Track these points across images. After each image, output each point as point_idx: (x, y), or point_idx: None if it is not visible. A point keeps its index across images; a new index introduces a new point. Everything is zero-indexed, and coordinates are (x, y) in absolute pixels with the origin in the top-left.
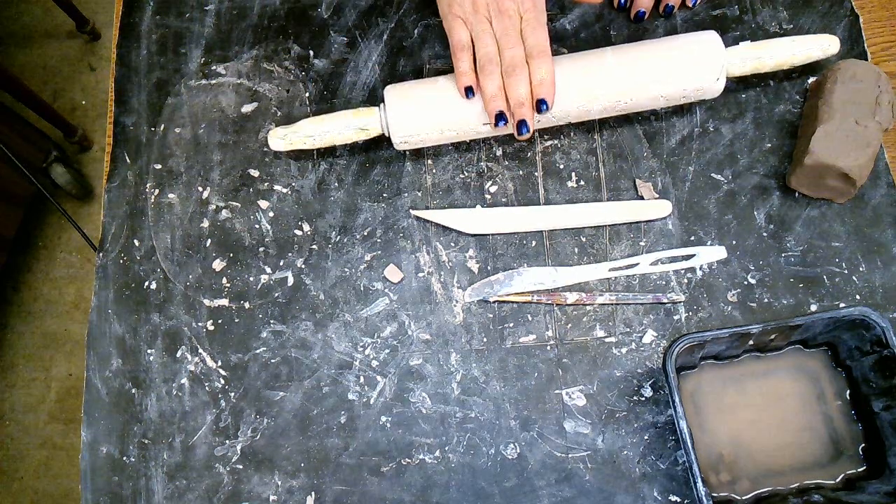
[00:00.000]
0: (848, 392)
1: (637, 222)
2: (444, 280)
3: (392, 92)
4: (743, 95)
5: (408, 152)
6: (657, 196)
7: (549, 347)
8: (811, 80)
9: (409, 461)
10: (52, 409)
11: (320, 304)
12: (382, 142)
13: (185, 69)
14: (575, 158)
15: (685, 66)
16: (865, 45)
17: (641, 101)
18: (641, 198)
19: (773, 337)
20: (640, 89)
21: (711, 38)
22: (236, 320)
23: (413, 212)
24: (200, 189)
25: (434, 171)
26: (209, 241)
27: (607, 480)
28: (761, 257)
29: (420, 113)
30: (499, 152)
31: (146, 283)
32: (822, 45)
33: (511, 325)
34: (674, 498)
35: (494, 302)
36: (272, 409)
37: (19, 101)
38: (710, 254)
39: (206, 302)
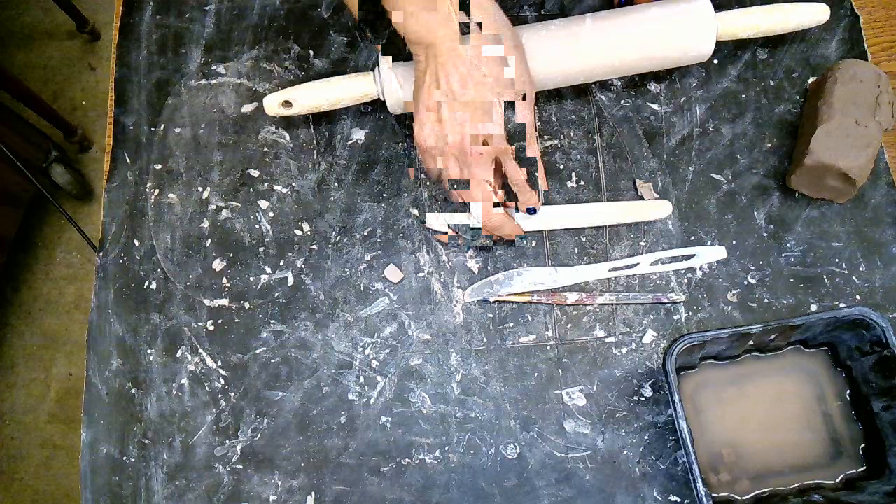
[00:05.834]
0: (848, 392)
1: (638, 223)
2: (444, 280)
3: (387, 57)
4: (743, 95)
5: (408, 152)
6: (657, 196)
7: (549, 347)
8: (811, 80)
9: (409, 461)
10: (52, 409)
11: (320, 304)
12: (382, 142)
13: (185, 69)
14: (575, 158)
15: (676, 22)
16: (865, 45)
17: (634, 61)
18: (641, 198)
19: (773, 337)
20: (631, 49)
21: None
22: (236, 320)
23: (427, 222)
24: (200, 189)
25: None
26: (209, 241)
27: (607, 480)
28: (761, 257)
29: (414, 74)
30: None
31: (146, 283)
32: (814, 13)
33: (511, 325)
34: (674, 498)
35: (494, 302)
36: (272, 409)
37: (19, 101)
38: (710, 254)
39: (206, 302)
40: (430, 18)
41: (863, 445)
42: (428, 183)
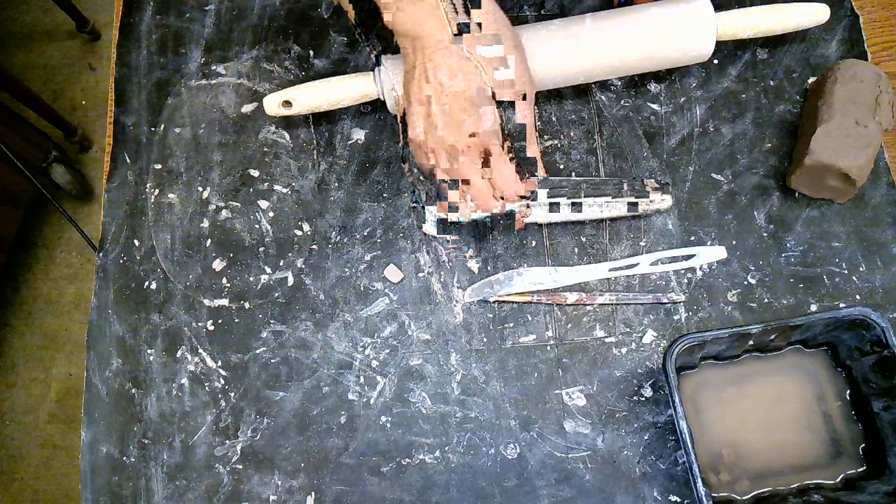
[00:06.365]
0: (848, 392)
1: (638, 222)
2: (444, 280)
3: (387, 55)
4: (743, 95)
5: None
6: (657, 186)
7: (549, 347)
8: (811, 80)
9: (409, 461)
10: (52, 409)
11: (320, 304)
12: (382, 142)
13: (185, 69)
14: (575, 158)
15: (676, 22)
16: (865, 45)
17: (633, 61)
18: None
19: (773, 337)
20: (631, 49)
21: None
22: (236, 320)
23: (424, 228)
24: (200, 189)
25: None
26: (209, 241)
27: (607, 480)
28: (761, 257)
29: None
30: None
31: (146, 283)
32: (814, 13)
33: (511, 325)
34: (674, 498)
35: (494, 302)
36: (272, 409)
37: (19, 101)
38: (710, 254)
39: (206, 302)
40: (417, 10)
41: (863, 445)
42: (422, 178)
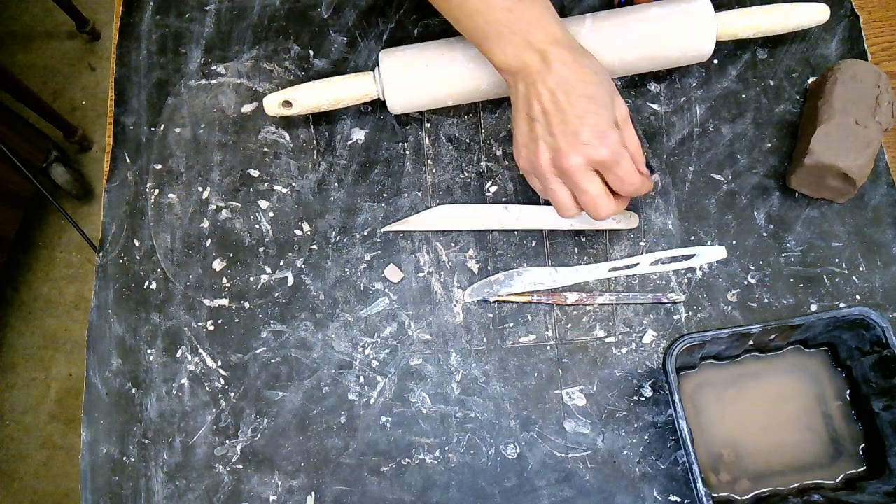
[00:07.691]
0: (848, 392)
1: (602, 230)
2: (444, 280)
3: (386, 55)
4: (743, 95)
5: (408, 152)
6: (653, 191)
7: (549, 347)
8: (811, 80)
9: (409, 461)
10: (52, 409)
11: (320, 304)
12: (382, 142)
13: (185, 69)
14: None
15: (676, 22)
16: (865, 45)
17: (633, 61)
18: None
19: (773, 337)
20: (631, 49)
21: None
22: (236, 320)
23: (385, 228)
24: (200, 189)
25: (434, 170)
26: (209, 241)
27: (607, 480)
28: (761, 257)
29: (414, 74)
30: (499, 152)
31: (146, 283)
32: (814, 13)
33: (511, 325)
34: (674, 498)
35: (494, 302)
36: (272, 409)
37: (19, 101)
38: (710, 254)
39: (206, 302)
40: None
41: (863, 445)
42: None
